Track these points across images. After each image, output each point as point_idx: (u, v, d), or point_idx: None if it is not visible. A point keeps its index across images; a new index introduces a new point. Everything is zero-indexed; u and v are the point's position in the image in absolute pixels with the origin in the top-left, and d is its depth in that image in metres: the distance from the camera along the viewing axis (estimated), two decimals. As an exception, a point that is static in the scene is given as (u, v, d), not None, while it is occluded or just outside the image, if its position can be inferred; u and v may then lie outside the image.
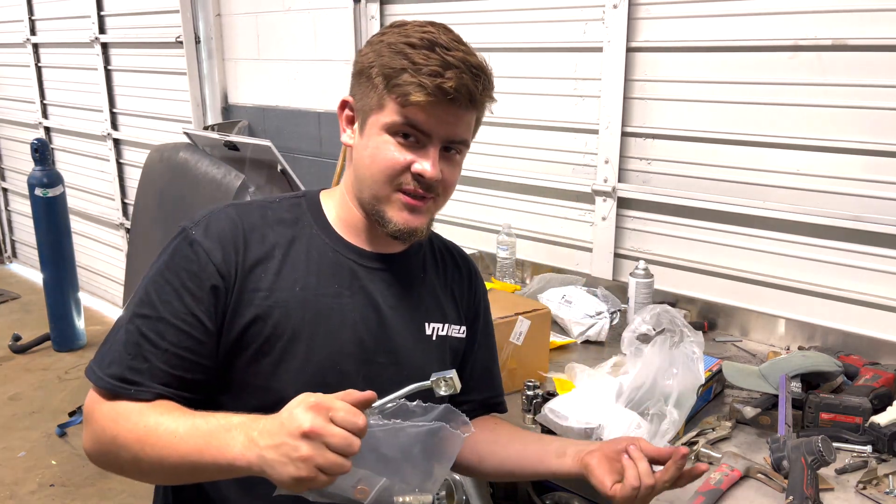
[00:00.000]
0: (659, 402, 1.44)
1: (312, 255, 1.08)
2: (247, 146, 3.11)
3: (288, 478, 0.81)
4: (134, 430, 0.95)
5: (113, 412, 0.98)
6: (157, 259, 1.04)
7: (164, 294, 1.00)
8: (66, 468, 3.25)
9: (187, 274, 1.01)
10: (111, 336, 1.02)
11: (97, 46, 4.42)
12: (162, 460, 0.93)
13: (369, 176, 1.07)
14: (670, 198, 2.22)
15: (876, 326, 1.90)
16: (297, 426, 0.81)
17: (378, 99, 1.05)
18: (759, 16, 1.98)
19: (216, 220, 1.05)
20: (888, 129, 1.82)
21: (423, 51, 1.02)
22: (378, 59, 1.05)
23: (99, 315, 5.02)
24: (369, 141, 1.06)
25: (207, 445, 0.89)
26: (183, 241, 1.03)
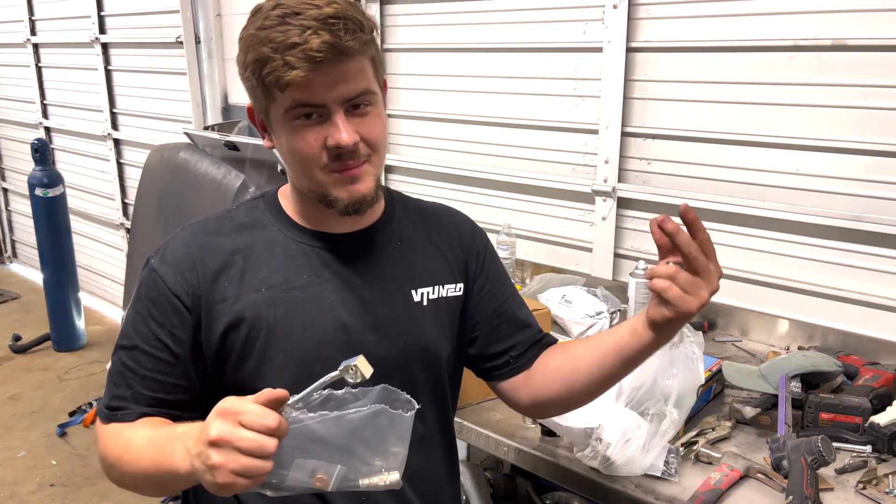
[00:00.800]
0: (659, 402, 1.44)
1: (276, 251, 1.08)
2: (247, 146, 3.11)
3: (211, 485, 0.84)
4: (115, 447, 1.02)
5: (105, 434, 1.05)
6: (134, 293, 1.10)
7: (137, 324, 1.05)
8: (66, 468, 3.25)
9: (150, 302, 1.05)
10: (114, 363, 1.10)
11: (97, 46, 4.42)
12: (135, 474, 0.99)
13: (297, 169, 1.05)
14: (670, 198, 2.22)
15: (876, 326, 1.90)
16: (206, 436, 0.83)
17: (264, 94, 1.02)
18: (759, 16, 1.98)
19: (171, 245, 1.09)
20: (888, 129, 1.82)
21: (277, 28, 0.97)
22: (245, 57, 1.03)
23: (99, 315, 5.02)
24: (281, 137, 1.04)
25: (159, 456, 0.93)
26: (146, 271, 1.08)
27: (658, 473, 1.39)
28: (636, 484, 1.38)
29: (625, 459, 1.38)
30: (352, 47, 0.97)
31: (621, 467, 1.38)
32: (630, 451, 1.39)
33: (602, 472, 1.40)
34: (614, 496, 1.38)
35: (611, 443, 1.40)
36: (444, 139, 2.83)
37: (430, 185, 2.93)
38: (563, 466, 1.46)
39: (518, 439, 1.56)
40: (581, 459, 1.44)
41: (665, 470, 1.40)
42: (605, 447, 1.40)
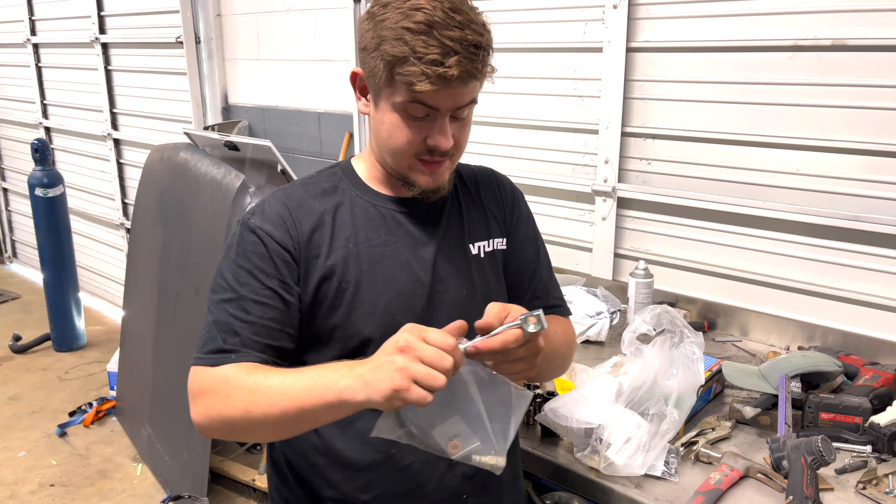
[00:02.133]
0: (659, 402, 1.44)
1: (356, 213, 1.19)
2: (247, 146, 3.11)
3: (387, 389, 0.90)
4: (244, 386, 1.04)
5: (221, 376, 1.08)
6: (225, 253, 1.16)
7: (241, 277, 1.12)
8: (66, 468, 3.25)
9: (256, 256, 1.12)
10: (203, 327, 1.14)
11: (97, 46, 4.43)
12: (272, 408, 1.01)
13: (388, 150, 1.15)
14: (670, 198, 2.22)
15: (876, 326, 1.90)
16: (394, 343, 0.92)
17: (386, 79, 1.09)
18: (759, 16, 1.98)
19: (269, 207, 1.16)
20: (888, 129, 1.82)
21: (422, 36, 1.03)
22: (380, 43, 1.07)
23: (99, 315, 5.02)
24: (384, 116, 1.13)
25: (315, 385, 0.99)
26: (245, 230, 1.15)
27: (658, 473, 1.39)
28: (636, 484, 1.38)
29: (625, 460, 1.38)
30: (483, 75, 1.10)
31: (621, 467, 1.38)
32: (630, 451, 1.39)
33: (602, 472, 1.40)
34: (614, 496, 1.38)
35: (611, 443, 1.40)
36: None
37: (430, 185, 2.92)
38: (563, 466, 1.46)
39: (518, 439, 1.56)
40: (581, 459, 1.44)
41: (665, 470, 1.40)
42: (605, 447, 1.40)
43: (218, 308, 1.12)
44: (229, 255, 1.15)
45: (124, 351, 3.55)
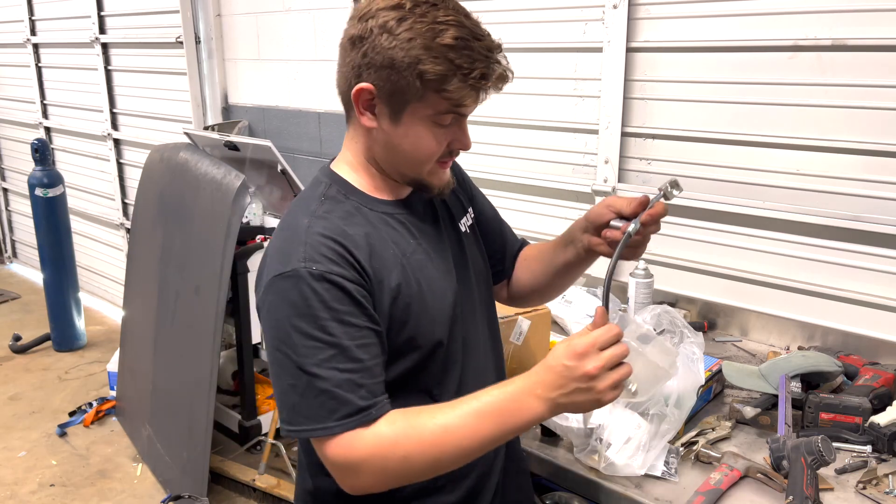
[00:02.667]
0: (659, 402, 1.44)
1: (382, 229, 1.16)
2: (247, 146, 3.11)
3: (590, 408, 1.04)
4: (423, 440, 1.04)
5: (386, 439, 1.04)
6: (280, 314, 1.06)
7: (333, 329, 1.04)
8: (66, 468, 3.25)
9: (338, 301, 1.05)
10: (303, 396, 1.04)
11: (97, 46, 4.43)
12: (462, 451, 1.04)
13: (410, 160, 1.14)
14: (670, 198, 2.22)
15: (876, 326, 1.90)
16: (583, 373, 1.00)
17: (418, 94, 1.06)
18: (759, 16, 1.98)
19: (318, 247, 1.07)
20: (888, 129, 1.82)
21: (464, 52, 1.04)
22: (414, 60, 1.04)
23: (99, 315, 5.02)
24: (409, 129, 1.10)
25: (504, 422, 1.03)
26: (312, 280, 1.05)
27: (658, 473, 1.39)
28: (636, 484, 1.38)
29: (625, 460, 1.38)
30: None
31: (621, 467, 1.38)
32: (630, 451, 1.39)
33: (602, 472, 1.40)
34: (614, 496, 1.38)
35: (611, 443, 1.40)
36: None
37: (430, 185, 2.92)
38: (563, 466, 1.46)
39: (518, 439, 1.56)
40: (581, 459, 1.44)
41: (665, 470, 1.40)
42: (605, 447, 1.40)
43: (324, 369, 1.03)
44: (300, 313, 1.04)
45: (124, 351, 3.55)
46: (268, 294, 1.07)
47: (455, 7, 1.08)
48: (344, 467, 1.05)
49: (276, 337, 1.07)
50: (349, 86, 1.11)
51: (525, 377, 1.05)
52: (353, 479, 1.06)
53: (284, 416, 1.07)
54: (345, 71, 1.11)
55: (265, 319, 1.09)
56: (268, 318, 1.08)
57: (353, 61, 1.09)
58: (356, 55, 1.08)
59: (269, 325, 1.08)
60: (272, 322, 1.07)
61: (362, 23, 1.08)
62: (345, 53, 1.11)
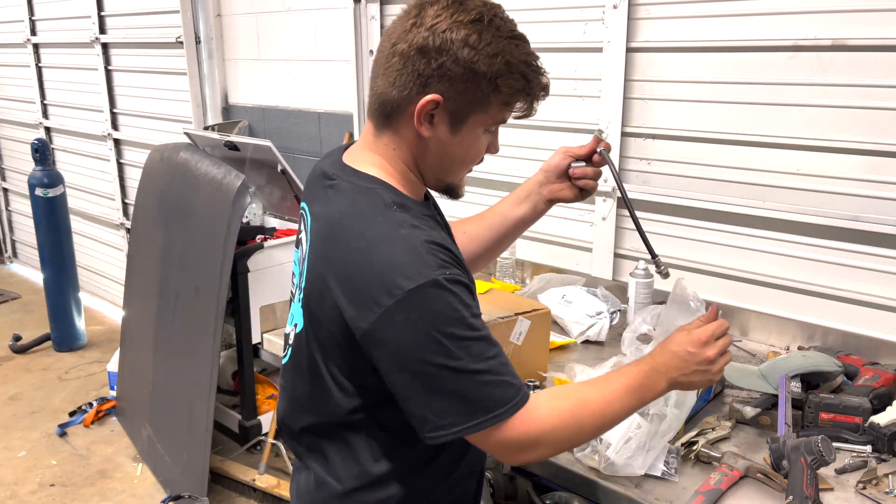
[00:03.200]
0: (659, 402, 1.44)
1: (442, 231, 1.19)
2: (247, 146, 3.11)
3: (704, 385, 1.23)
4: (595, 411, 1.14)
5: (563, 413, 1.13)
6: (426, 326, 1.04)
7: (475, 324, 1.07)
8: (66, 468, 3.25)
9: (470, 298, 1.09)
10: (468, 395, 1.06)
11: (97, 47, 4.43)
12: (615, 421, 1.18)
13: (457, 166, 1.19)
14: (670, 198, 2.22)
15: (876, 326, 1.90)
16: (704, 358, 1.18)
17: (485, 104, 1.11)
18: (759, 16, 1.98)
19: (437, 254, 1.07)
20: (888, 129, 1.82)
21: (532, 67, 1.12)
22: (495, 74, 1.08)
23: (99, 315, 5.02)
24: (463, 138, 1.14)
25: (642, 396, 1.18)
26: (448, 285, 1.05)
27: (658, 473, 1.39)
28: (636, 484, 1.38)
29: (625, 460, 1.38)
30: None
31: (621, 467, 1.38)
32: (630, 451, 1.39)
33: (602, 472, 1.40)
34: (614, 496, 1.38)
35: (611, 443, 1.40)
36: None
37: (430, 185, 2.92)
38: (563, 466, 1.46)
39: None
40: (581, 459, 1.44)
41: (665, 470, 1.40)
42: (605, 447, 1.40)
43: (483, 363, 1.06)
44: (451, 318, 1.04)
45: (124, 351, 3.55)
46: (400, 312, 1.03)
47: (511, 18, 1.13)
48: (525, 443, 1.10)
49: (421, 353, 1.04)
50: (407, 94, 1.09)
51: (652, 359, 1.19)
52: (531, 452, 1.12)
53: (447, 422, 1.06)
54: (403, 79, 1.09)
55: (398, 340, 1.04)
56: (408, 335, 1.04)
57: (419, 70, 1.08)
58: (425, 65, 1.07)
59: (411, 342, 1.04)
60: (416, 337, 1.04)
61: (435, 33, 1.07)
62: (405, 61, 1.08)
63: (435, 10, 1.08)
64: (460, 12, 1.07)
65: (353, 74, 3.06)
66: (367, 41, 3.02)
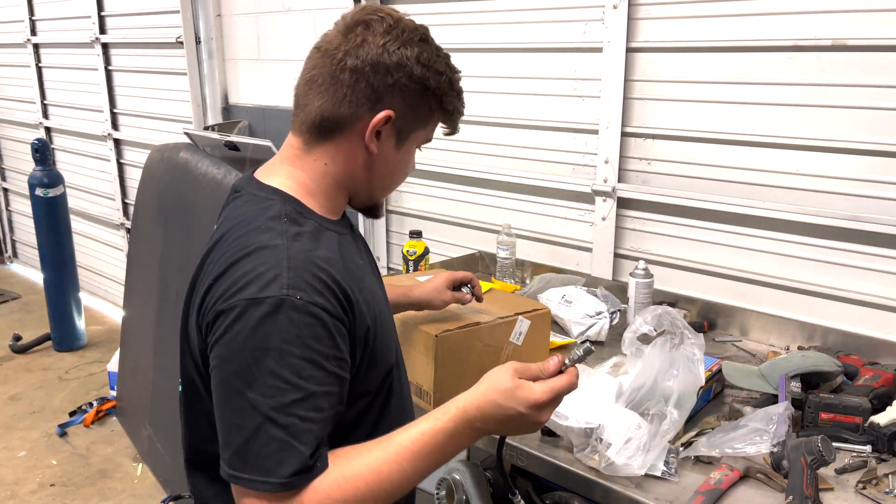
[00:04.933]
0: (659, 402, 1.44)
1: (345, 251, 1.11)
2: (247, 146, 3.11)
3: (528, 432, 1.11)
4: (357, 490, 0.97)
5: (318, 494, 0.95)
6: (247, 343, 0.95)
7: (304, 370, 0.95)
8: (67, 468, 3.25)
9: (315, 339, 0.97)
10: (251, 439, 0.94)
11: (98, 47, 4.43)
12: (401, 491, 1.01)
13: (392, 183, 1.21)
14: (670, 198, 2.22)
15: (876, 326, 1.90)
16: (535, 421, 1.05)
17: (426, 119, 1.15)
18: (759, 16, 1.98)
19: (302, 273, 0.98)
20: (888, 129, 1.82)
21: (459, 85, 1.16)
22: (441, 91, 1.13)
23: (99, 315, 5.02)
24: (403, 154, 1.16)
25: (444, 455, 1.04)
26: (291, 311, 0.95)
27: (658, 473, 1.39)
28: (636, 484, 1.38)
29: (625, 460, 1.38)
30: None
31: (621, 467, 1.38)
32: (630, 451, 1.39)
33: (602, 473, 1.40)
34: (614, 496, 1.38)
35: (611, 443, 1.40)
36: (445, 139, 2.82)
37: (431, 185, 2.93)
38: (563, 466, 1.46)
39: (518, 439, 1.56)
40: (581, 459, 1.44)
41: (665, 470, 1.40)
42: (605, 447, 1.40)
43: (282, 414, 0.93)
44: (271, 346, 0.94)
45: (124, 351, 3.55)
46: (228, 317, 0.96)
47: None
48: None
49: (231, 366, 0.96)
50: (356, 110, 1.08)
51: (463, 409, 1.02)
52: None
53: (226, 456, 0.96)
54: (354, 95, 1.07)
55: (224, 343, 0.97)
56: (227, 343, 0.96)
57: (374, 86, 1.07)
58: (379, 81, 1.07)
59: (227, 351, 0.96)
60: (232, 348, 0.96)
61: (387, 50, 1.07)
62: (359, 77, 1.06)
63: (384, 28, 1.08)
64: (408, 31, 1.10)
65: (353, 74, 3.05)
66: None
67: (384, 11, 1.11)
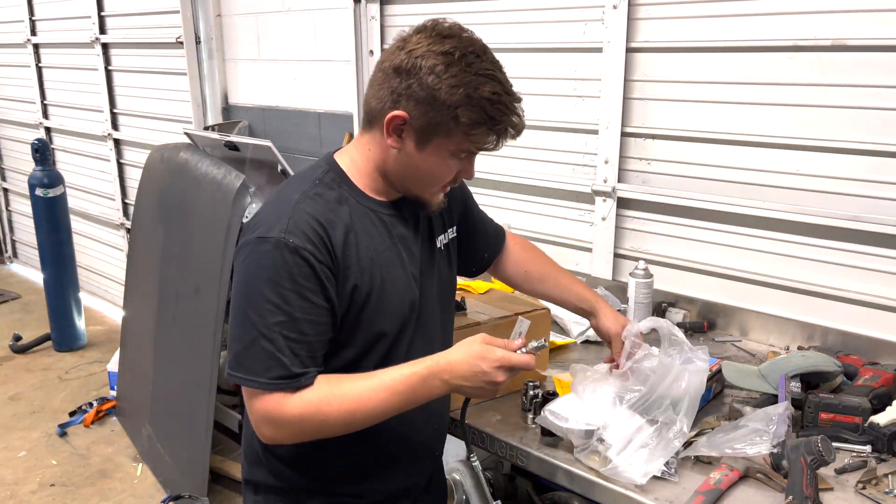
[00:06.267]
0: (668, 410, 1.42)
1: (366, 222, 1.28)
2: (247, 146, 3.11)
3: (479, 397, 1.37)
4: (342, 407, 1.20)
5: (310, 404, 1.19)
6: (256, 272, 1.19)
7: (290, 299, 1.17)
8: (66, 468, 3.25)
9: (303, 276, 1.18)
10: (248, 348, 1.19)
11: (98, 47, 4.43)
12: (374, 419, 1.22)
13: (421, 182, 1.28)
14: (670, 198, 2.22)
15: (875, 326, 1.90)
16: (492, 379, 1.21)
17: (448, 132, 1.20)
18: (759, 16, 1.98)
19: (300, 222, 1.19)
20: (888, 129, 1.82)
21: (498, 106, 1.18)
22: (454, 104, 1.16)
23: (99, 315, 5.02)
24: (429, 157, 1.23)
25: (414, 396, 1.22)
26: (285, 251, 1.17)
27: (658, 473, 1.39)
28: (636, 484, 1.38)
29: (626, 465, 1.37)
30: None
31: (622, 471, 1.37)
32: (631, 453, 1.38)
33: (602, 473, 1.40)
34: (614, 496, 1.38)
35: (612, 444, 1.40)
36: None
37: (430, 185, 2.92)
38: (563, 466, 1.46)
39: (518, 439, 1.56)
40: (581, 460, 1.44)
41: (665, 470, 1.40)
42: (605, 448, 1.40)
43: (270, 331, 1.17)
44: (268, 276, 1.17)
45: (124, 351, 3.55)
46: (244, 251, 1.21)
47: (492, 60, 1.22)
48: (267, 420, 1.20)
49: (240, 290, 1.20)
50: (383, 106, 1.22)
51: (436, 360, 1.22)
52: (273, 431, 1.22)
53: (230, 360, 1.21)
54: (381, 93, 1.22)
55: (237, 272, 1.22)
56: (240, 272, 1.21)
57: (393, 87, 1.20)
58: (398, 83, 1.19)
59: (238, 279, 1.21)
60: (242, 276, 1.20)
61: (410, 57, 1.18)
62: (385, 77, 1.21)
63: (417, 38, 1.20)
64: (436, 43, 1.19)
65: (353, 74, 3.06)
66: (367, 41, 3.02)
67: (439, 23, 1.22)
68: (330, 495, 1.37)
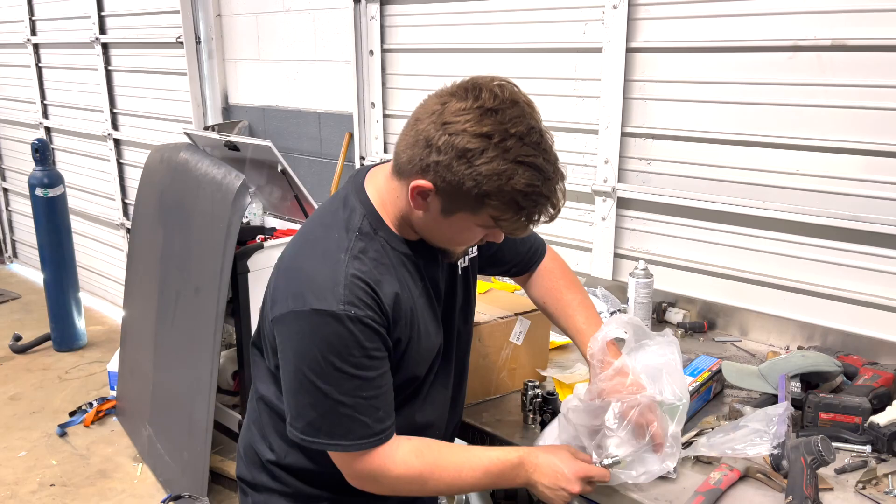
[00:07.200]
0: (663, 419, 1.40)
1: (402, 273, 1.26)
2: (247, 146, 3.11)
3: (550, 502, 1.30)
4: (442, 477, 1.26)
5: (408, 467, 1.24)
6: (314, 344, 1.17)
7: (362, 364, 1.18)
8: (66, 468, 3.25)
9: (369, 340, 1.18)
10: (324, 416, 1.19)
11: (97, 47, 4.43)
12: (464, 491, 1.35)
13: (446, 242, 1.27)
14: (670, 198, 2.22)
15: (875, 326, 1.90)
16: (570, 491, 1.27)
17: (473, 208, 1.15)
18: (759, 16, 1.98)
19: (354, 290, 1.17)
20: (888, 129, 1.82)
21: (531, 197, 1.12)
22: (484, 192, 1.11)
23: (99, 315, 5.02)
24: (454, 224, 1.19)
25: (501, 480, 1.30)
26: (345, 321, 1.15)
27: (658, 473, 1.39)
28: (636, 484, 1.38)
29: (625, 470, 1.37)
30: None
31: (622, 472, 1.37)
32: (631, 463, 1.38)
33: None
34: (614, 496, 1.38)
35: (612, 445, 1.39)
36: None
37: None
38: (563, 466, 1.46)
39: (518, 439, 1.56)
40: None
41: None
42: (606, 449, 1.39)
43: (347, 397, 1.18)
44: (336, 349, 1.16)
45: (124, 351, 3.55)
46: (299, 322, 1.17)
47: (535, 142, 1.13)
48: (365, 477, 1.24)
49: (301, 361, 1.18)
50: (411, 168, 1.16)
51: (528, 454, 1.29)
52: (369, 485, 1.26)
53: (299, 426, 1.21)
54: (411, 152, 1.15)
55: (291, 342, 1.19)
56: (296, 343, 1.19)
57: (422, 157, 1.13)
58: (427, 154, 1.12)
59: (296, 349, 1.19)
60: (300, 347, 1.18)
61: (444, 133, 1.10)
62: (416, 141, 1.14)
63: (457, 109, 1.11)
64: (475, 122, 1.09)
65: (353, 75, 3.06)
66: (367, 41, 3.02)
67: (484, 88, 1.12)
68: (336, 502, 1.38)
